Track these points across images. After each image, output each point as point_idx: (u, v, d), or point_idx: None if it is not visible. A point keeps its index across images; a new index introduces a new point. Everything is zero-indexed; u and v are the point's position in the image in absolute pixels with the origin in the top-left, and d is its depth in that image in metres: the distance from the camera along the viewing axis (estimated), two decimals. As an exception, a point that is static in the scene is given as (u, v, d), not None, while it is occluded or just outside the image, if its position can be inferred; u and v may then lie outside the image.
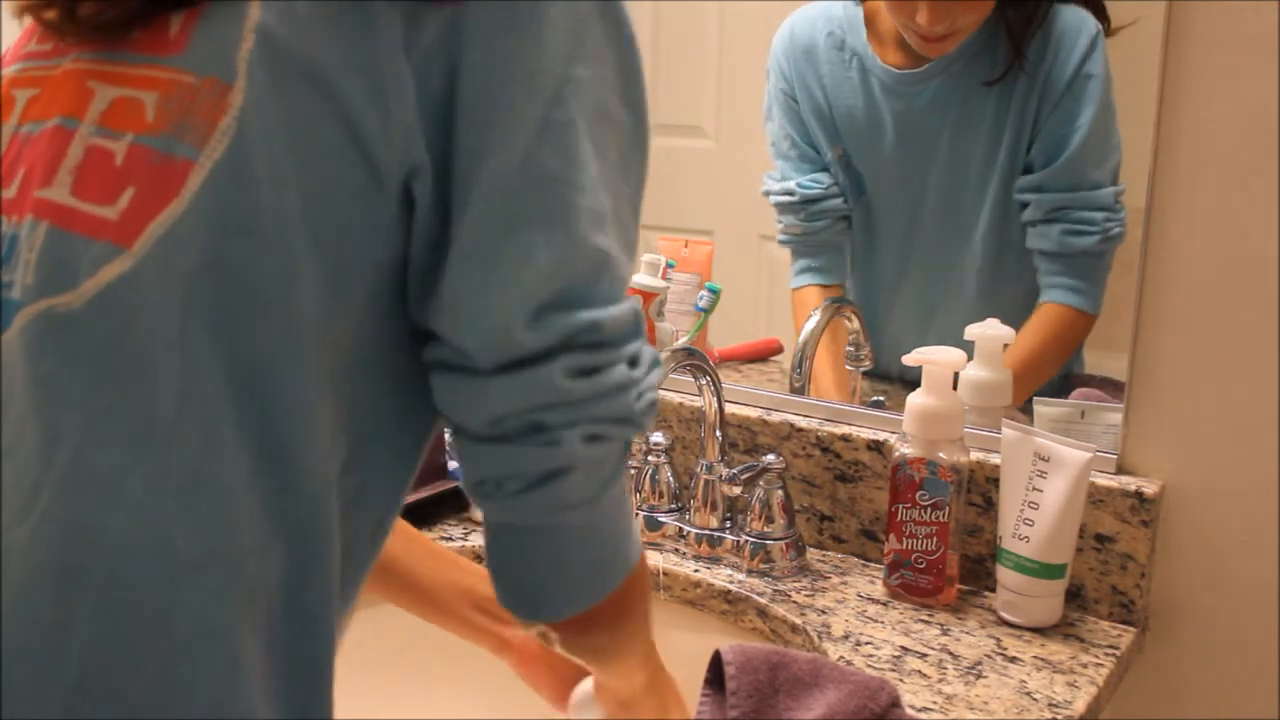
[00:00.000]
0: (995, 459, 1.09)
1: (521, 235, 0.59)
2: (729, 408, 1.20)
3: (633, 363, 0.63)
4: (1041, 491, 1.02)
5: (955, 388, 1.08)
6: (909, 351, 1.08)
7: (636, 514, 1.20)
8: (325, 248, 0.59)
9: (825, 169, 1.28)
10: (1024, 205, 1.17)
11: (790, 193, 1.30)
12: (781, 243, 1.32)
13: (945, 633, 1.03)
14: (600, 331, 0.61)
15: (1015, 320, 1.17)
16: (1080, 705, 0.92)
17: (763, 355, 1.38)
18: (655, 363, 0.65)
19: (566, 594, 0.67)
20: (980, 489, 1.11)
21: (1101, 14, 1.12)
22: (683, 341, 1.31)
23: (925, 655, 0.99)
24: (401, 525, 0.90)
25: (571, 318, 0.60)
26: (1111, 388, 1.12)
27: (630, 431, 0.64)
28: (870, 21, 1.23)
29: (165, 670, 0.57)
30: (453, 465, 1.27)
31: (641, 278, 1.33)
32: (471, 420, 0.62)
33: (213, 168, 0.58)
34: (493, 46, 0.59)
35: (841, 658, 0.98)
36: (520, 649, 0.93)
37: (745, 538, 1.15)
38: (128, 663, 0.56)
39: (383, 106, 0.58)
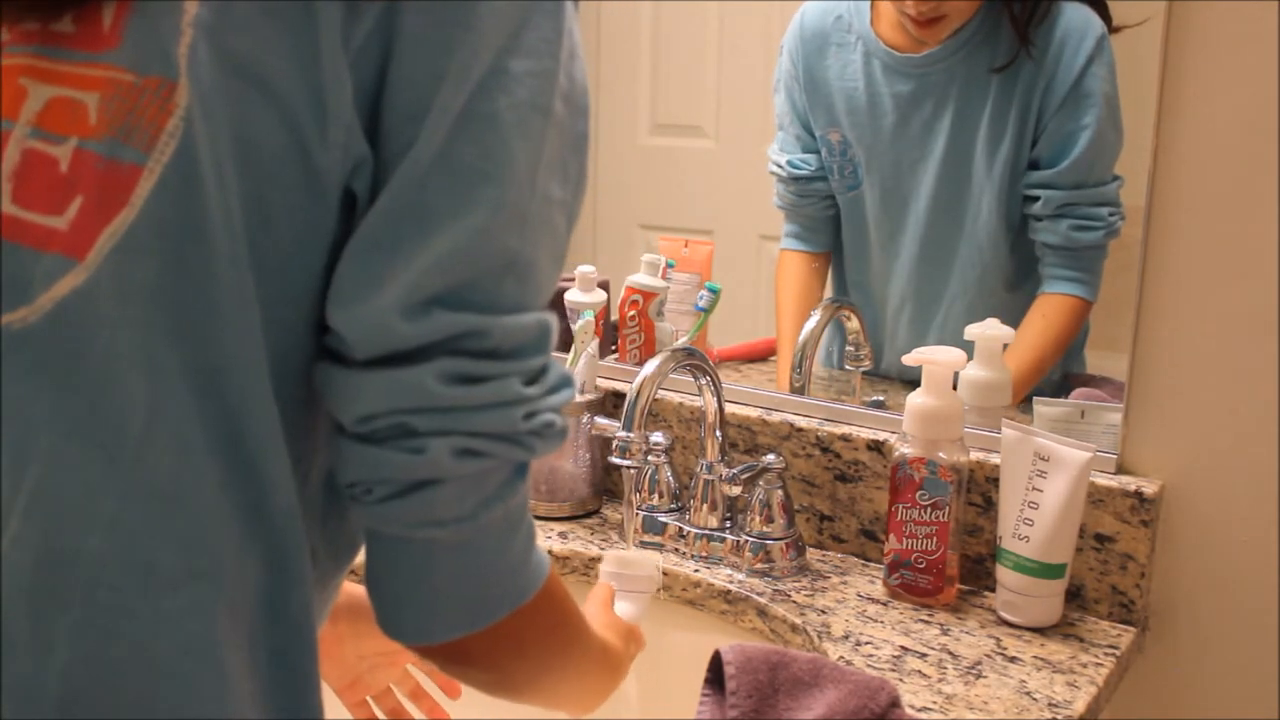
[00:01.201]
0: (995, 459, 1.09)
1: (424, 223, 0.56)
2: (729, 408, 1.20)
3: (531, 380, 0.59)
4: (1041, 491, 1.02)
5: (955, 387, 1.08)
6: (907, 348, 1.08)
7: (637, 512, 1.20)
8: (266, 253, 0.57)
9: (818, 151, 1.29)
10: (1030, 199, 1.17)
11: (781, 166, 1.32)
12: (776, 206, 1.34)
13: (945, 633, 1.03)
14: (487, 338, 0.57)
15: (1014, 313, 1.17)
16: (1080, 705, 0.92)
17: (763, 355, 1.38)
18: (563, 384, 0.61)
19: (433, 618, 0.62)
20: (980, 489, 1.11)
21: (1104, 13, 1.12)
22: (683, 341, 1.31)
23: (925, 655, 0.99)
24: None
25: (457, 317, 0.56)
26: (1111, 388, 1.12)
27: (516, 453, 0.59)
28: (876, 4, 1.23)
29: (150, 690, 0.55)
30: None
31: (641, 278, 1.33)
32: (344, 415, 0.58)
33: (162, 172, 0.55)
34: (425, 35, 0.57)
35: (841, 658, 0.98)
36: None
37: (745, 538, 1.15)
38: (111, 684, 0.55)
39: (322, 107, 0.56)
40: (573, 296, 1.32)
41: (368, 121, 0.58)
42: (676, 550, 1.18)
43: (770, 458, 1.15)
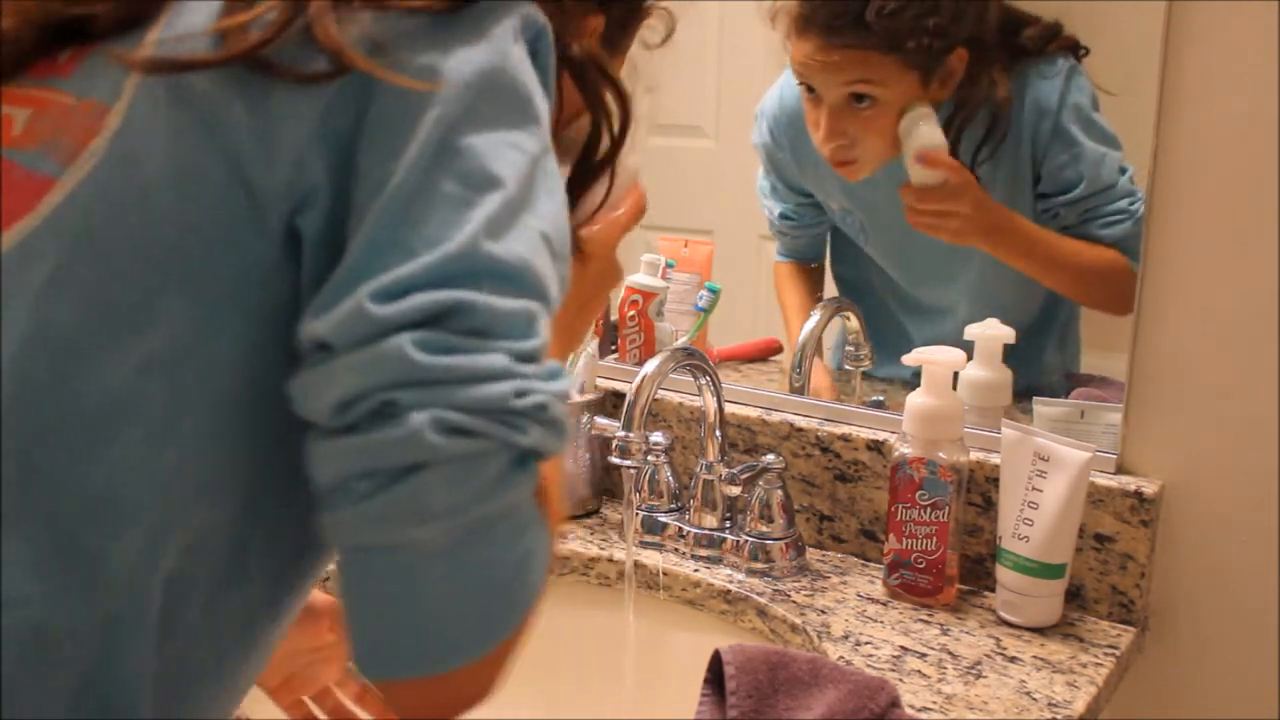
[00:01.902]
0: (995, 459, 1.09)
1: (409, 250, 0.54)
2: (729, 408, 1.20)
3: (521, 359, 0.54)
4: (1041, 491, 1.02)
5: (955, 387, 1.08)
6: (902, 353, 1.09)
7: (637, 512, 1.20)
8: (195, 284, 0.57)
9: (809, 198, 1.30)
10: (1051, 216, 1.17)
11: (773, 214, 1.34)
12: (769, 229, 1.36)
13: (945, 632, 1.03)
14: (472, 315, 0.53)
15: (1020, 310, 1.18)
16: (1080, 705, 0.92)
17: (763, 355, 1.38)
18: (558, 372, 0.57)
19: (421, 641, 0.54)
20: (980, 489, 1.11)
21: (1069, 44, 1.13)
22: (683, 341, 1.31)
23: (925, 655, 0.99)
24: None
25: (437, 294, 0.53)
26: (1111, 388, 1.12)
27: (507, 433, 0.53)
28: None
29: None
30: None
31: (641, 278, 1.33)
32: (320, 408, 0.54)
33: (75, 187, 0.57)
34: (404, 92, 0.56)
35: (841, 658, 0.98)
36: None
37: (745, 538, 1.15)
38: None
39: (270, 142, 0.56)
40: (573, 296, 1.32)
41: (336, 160, 0.57)
42: (676, 550, 1.18)
43: (770, 458, 1.15)
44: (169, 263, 0.57)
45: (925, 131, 1.15)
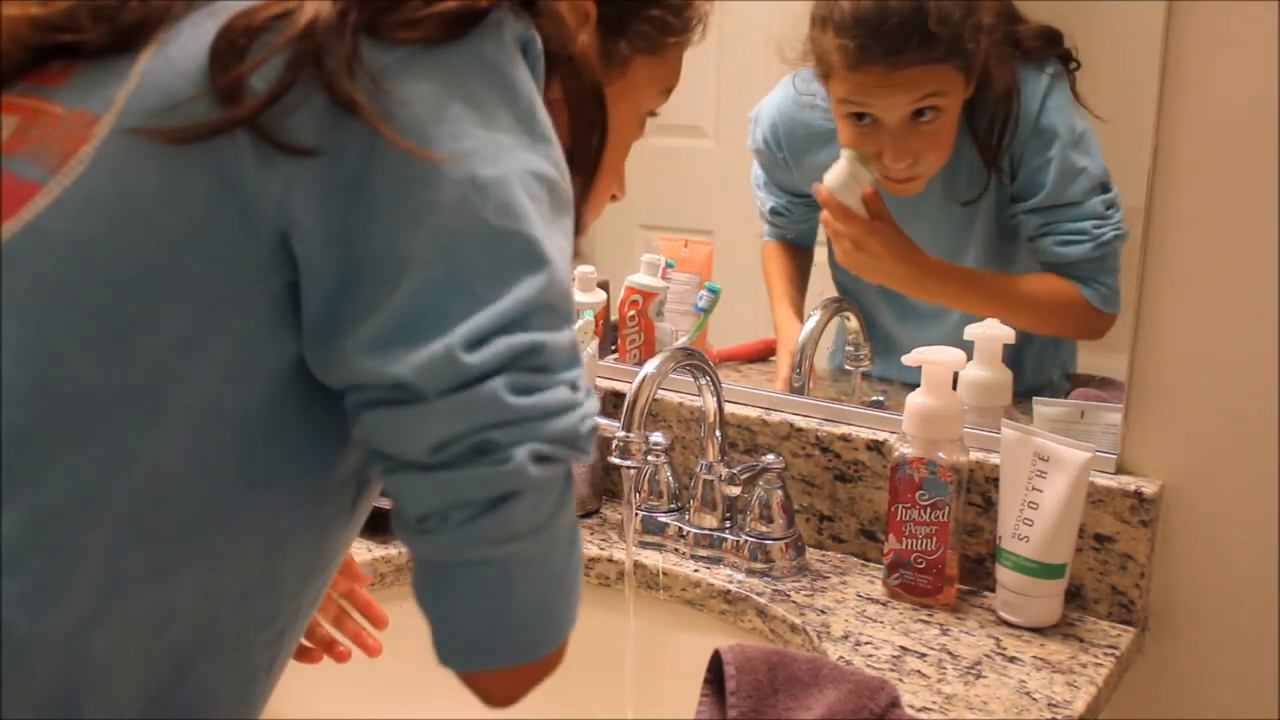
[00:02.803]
0: (995, 459, 1.09)
1: (468, 282, 0.58)
2: (729, 408, 1.20)
3: (574, 388, 0.61)
4: (1041, 491, 1.02)
5: (955, 387, 1.08)
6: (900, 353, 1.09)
7: (637, 512, 1.20)
8: (184, 290, 0.58)
9: (803, 196, 1.30)
10: (1016, 225, 1.18)
11: (765, 209, 1.35)
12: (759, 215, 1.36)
13: (945, 633, 1.03)
14: (543, 354, 0.59)
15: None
16: (1080, 705, 0.92)
17: (762, 355, 1.38)
18: (590, 391, 0.63)
19: (515, 637, 0.62)
20: (980, 489, 1.11)
21: (1062, 54, 1.14)
22: (683, 341, 1.31)
23: (925, 655, 0.99)
24: None
25: (515, 339, 0.58)
26: (1111, 388, 1.12)
27: (575, 456, 0.61)
28: None
29: None
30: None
31: (641, 278, 1.33)
32: (413, 449, 0.58)
33: (61, 194, 0.58)
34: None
35: (841, 658, 0.98)
36: None
37: (745, 538, 1.15)
38: None
39: (264, 149, 0.57)
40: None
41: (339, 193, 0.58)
42: (676, 550, 1.18)
43: (770, 458, 1.15)
44: (158, 269, 0.58)
45: (858, 174, 1.18)
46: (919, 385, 1.07)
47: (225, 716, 0.68)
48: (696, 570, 1.15)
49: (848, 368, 1.31)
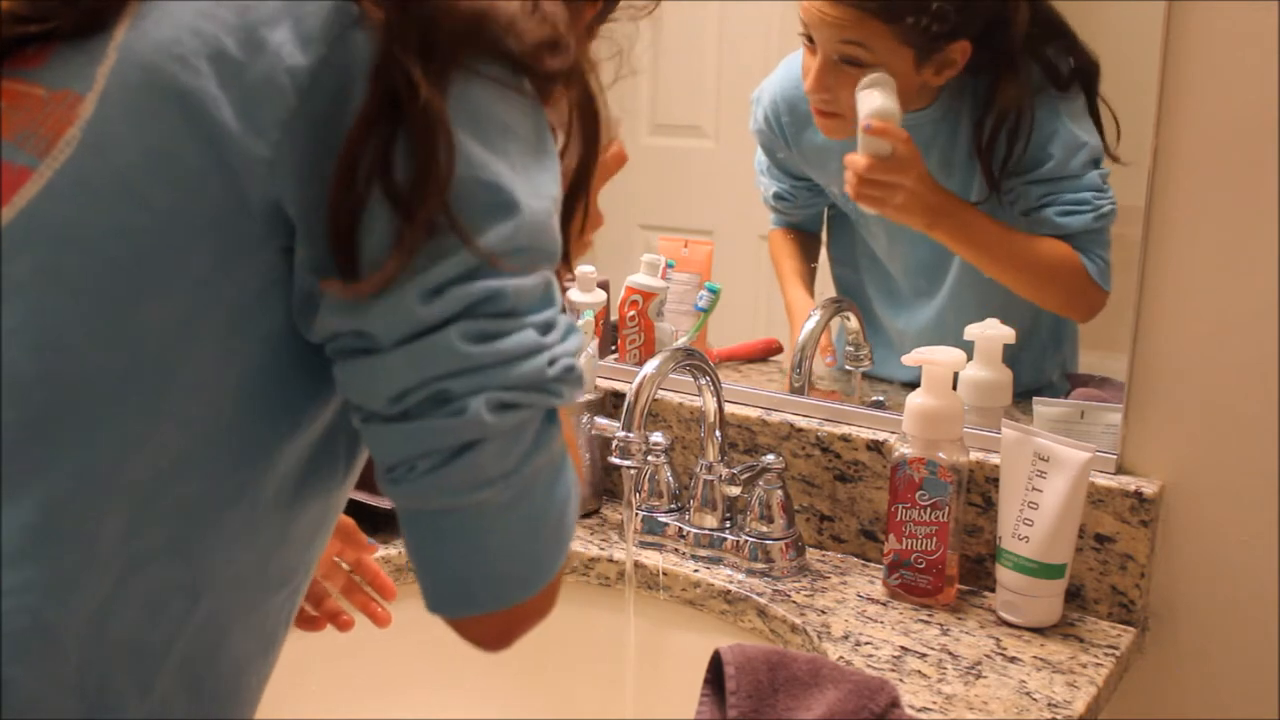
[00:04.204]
0: (995, 459, 1.09)
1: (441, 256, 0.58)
2: (729, 408, 1.20)
3: (544, 329, 0.61)
4: (1041, 491, 1.02)
5: (955, 387, 1.08)
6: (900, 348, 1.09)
7: (637, 512, 1.20)
8: (180, 265, 0.58)
9: (805, 181, 1.31)
10: (1013, 201, 1.17)
11: (769, 194, 1.35)
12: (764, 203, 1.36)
13: (945, 633, 1.03)
14: (505, 299, 0.59)
15: (1013, 310, 1.17)
16: (1080, 705, 0.92)
17: (763, 355, 1.38)
18: (573, 330, 0.63)
19: (496, 582, 0.63)
20: (980, 489, 1.11)
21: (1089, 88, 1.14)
22: (682, 341, 1.31)
23: (925, 655, 0.99)
24: None
25: (472, 286, 0.58)
26: (1111, 388, 1.12)
27: (546, 399, 0.61)
28: None
29: None
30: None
31: (641, 278, 1.33)
32: (375, 400, 0.59)
33: (52, 177, 0.58)
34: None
35: (841, 658, 0.98)
36: None
37: (745, 538, 1.15)
38: None
39: (251, 120, 0.57)
40: (572, 296, 1.32)
41: (318, 134, 0.58)
42: (676, 550, 1.18)
43: (770, 458, 1.15)
44: (153, 247, 0.58)
45: (877, 98, 1.16)
46: (918, 385, 1.07)
47: (256, 679, 0.68)
48: (696, 570, 1.15)
49: (848, 368, 1.31)
